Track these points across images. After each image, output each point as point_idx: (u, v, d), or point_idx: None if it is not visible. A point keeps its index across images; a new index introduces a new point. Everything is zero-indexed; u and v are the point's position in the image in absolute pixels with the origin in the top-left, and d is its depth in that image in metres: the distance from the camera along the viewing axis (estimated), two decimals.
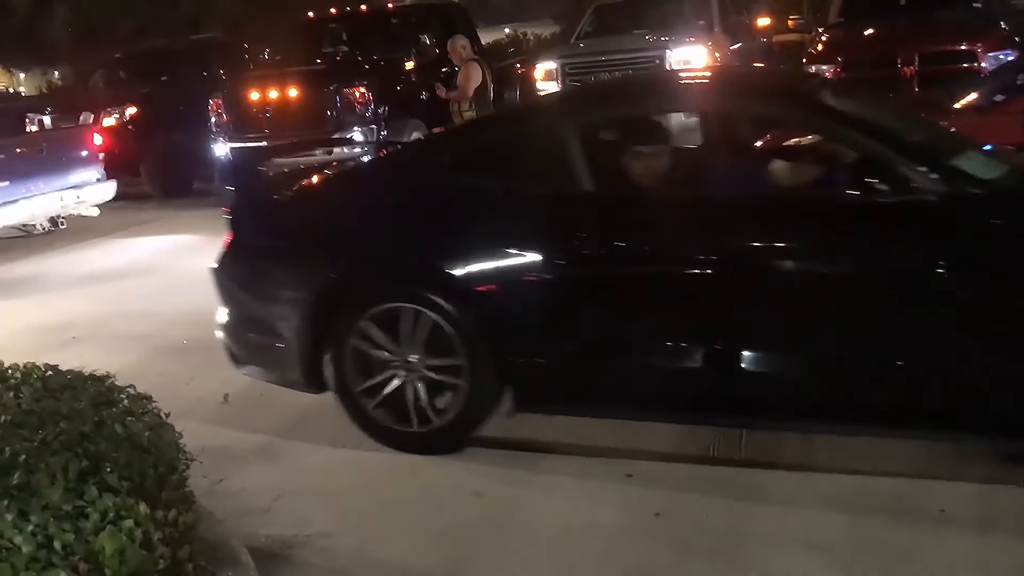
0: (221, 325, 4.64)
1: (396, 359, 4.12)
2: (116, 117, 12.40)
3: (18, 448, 2.54)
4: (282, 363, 4.39)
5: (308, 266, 4.34)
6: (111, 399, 3.07)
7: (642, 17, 11.42)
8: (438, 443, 4.17)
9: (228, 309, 4.63)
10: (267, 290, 4.48)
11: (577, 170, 3.93)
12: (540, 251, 3.87)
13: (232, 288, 4.63)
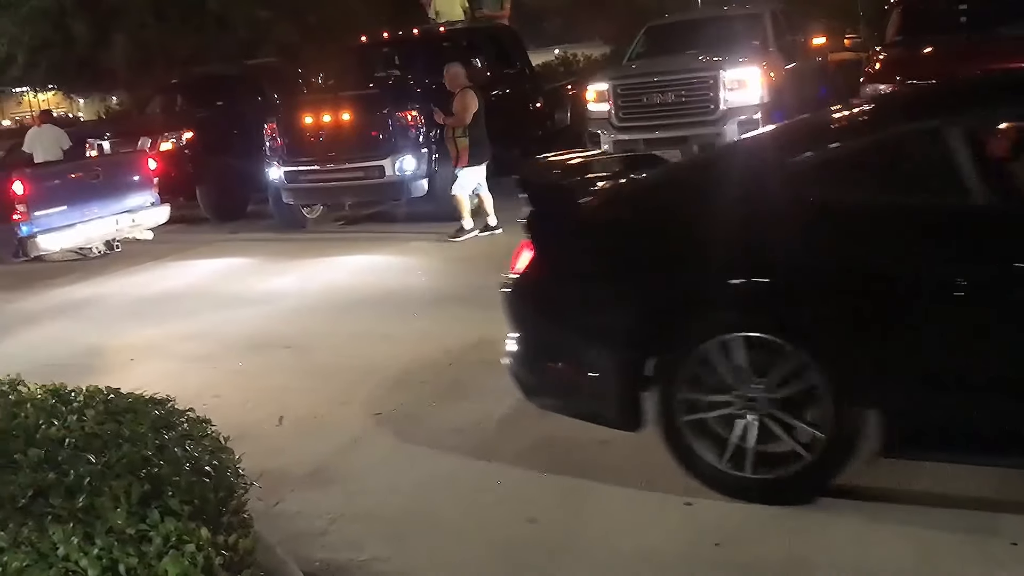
0: (511, 353, 4.21)
1: (741, 394, 3.63)
2: (173, 142, 12.65)
3: (83, 471, 2.57)
4: (591, 395, 3.97)
5: (635, 287, 3.86)
6: (171, 422, 3.09)
7: (695, 37, 11.35)
8: (786, 492, 3.67)
9: (522, 335, 4.17)
10: (578, 315, 4.00)
11: (971, 180, 3.40)
12: (935, 273, 3.37)
13: (530, 312, 4.19)
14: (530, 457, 4.34)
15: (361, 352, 6.31)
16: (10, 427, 3.03)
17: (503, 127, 12.04)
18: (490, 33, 13.24)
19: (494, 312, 6.85)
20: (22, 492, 2.47)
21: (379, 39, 12.90)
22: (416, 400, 5.23)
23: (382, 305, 7.52)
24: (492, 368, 5.59)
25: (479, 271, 8.36)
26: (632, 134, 10.66)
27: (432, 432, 4.77)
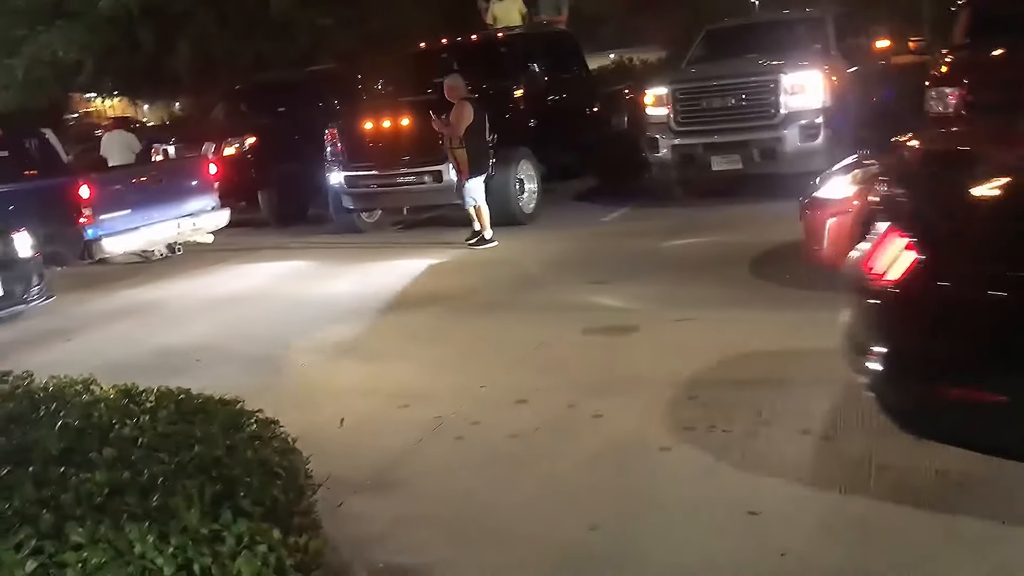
0: (877, 373, 3.51)
1: None
2: (236, 147, 12.88)
3: (156, 470, 2.62)
4: (1000, 424, 3.28)
5: None
6: (240, 423, 3.14)
7: (754, 41, 11.21)
8: None
9: (895, 351, 3.46)
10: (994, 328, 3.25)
11: None
12: None
13: (915, 325, 3.46)
14: (592, 463, 4.32)
15: (420, 356, 6.35)
16: (85, 426, 3.10)
17: (560, 132, 12.08)
18: (548, 38, 13.24)
19: (550, 315, 6.94)
20: (99, 490, 2.52)
21: (438, 45, 12.97)
22: (475, 404, 5.24)
23: (440, 309, 7.57)
24: (547, 373, 5.62)
25: (534, 277, 8.39)
26: (690, 138, 10.57)
27: (492, 436, 4.77)
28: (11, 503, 2.48)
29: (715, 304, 6.74)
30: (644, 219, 10.56)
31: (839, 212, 6.38)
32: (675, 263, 8.14)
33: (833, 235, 6.36)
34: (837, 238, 6.31)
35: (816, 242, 6.54)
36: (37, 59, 18.92)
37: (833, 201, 6.51)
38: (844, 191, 6.50)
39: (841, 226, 6.31)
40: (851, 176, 6.61)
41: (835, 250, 6.38)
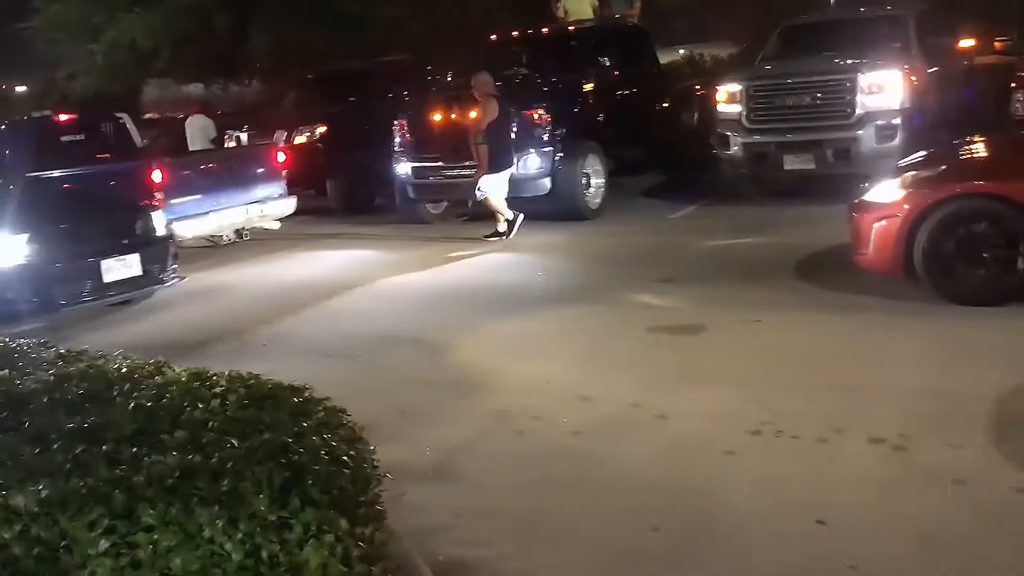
0: None
1: None
2: (307, 135, 13.03)
3: (226, 455, 2.64)
4: None
5: None
6: (308, 410, 3.15)
7: (832, 39, 10.95)
8: None
9: None
10: None
11: None
12: None
13: None
14: (655, 464, 4.27)
15: (483, 347, 6.35)
16: (156, 407, 3.14)
17: (628, 126, 11.98)
18: (619, 32, 13.14)
19: (615, 312, 6.89)
20: (170, 472, 2.55)
21: (508, 38, 12.95)
22: (537, 398, 5.21)
23: (503, 301, 7.56)
24: (611, 371, 5.56)
25: (599, 272, 8.33)
26: (763, 136, 10.39)
27: (554, 432, 4.75)
28: (85, 482, 2.52)
29: (784, 306, 6.62)
30: (712, 217, 10.41)
31: (886, 216, 6.29)
32: (743, 263, 8.01)
33: (879, 239, 6.30)
34: (883, 242, 6.26)
35: (862, 245, 6.48)
36: (116, 45, 19.39)
37: (880, 204, 6.42)
38: (892, 195, 6.41)
39: (888, 230, 6.25)
40: (899, 180, 6.48)
41: (880, 254, 6.30)
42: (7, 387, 3.45)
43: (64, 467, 2.66)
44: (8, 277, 7.15)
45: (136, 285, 7.88)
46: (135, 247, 7.90)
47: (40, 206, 8.01)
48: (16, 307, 7.06)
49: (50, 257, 7.37)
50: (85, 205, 8.58)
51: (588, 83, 11.58)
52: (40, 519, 2.40)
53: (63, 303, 7.39)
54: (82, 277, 7.50)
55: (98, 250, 7.65)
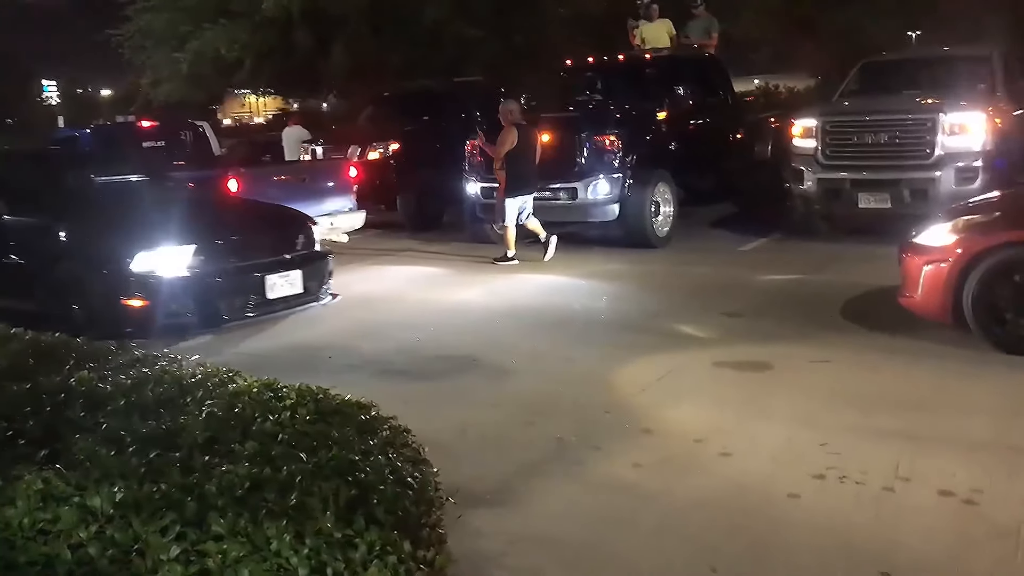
0: None
1: None
2: (380, 152, 13.22)
3: (295, 469, 2.69)
4: None
5: None
6: (375, 428, 3.19)
7: (914, 77, 10.80)
8: None
9: None
10: None
11: None
12: None
13: None
14: (715, 502, 4.21)
15: (545, 372, 6.35)
16: (228, 417, 3.21)
17: (701, 156, 11.92)
18: (695, 62, 13.10)
19: (680, 343, 6.84)
20: (240, 483, 2.61)
21: (584, 63, 13.01)
22: (598, 428, 5.19)
23: (566, 326, 7.56)
24: (674, 404, 5.52)
25: (664, 302, 8.28)
26: (838, 172, 10.25)
27: (612, 463, 4.72)
28: (159, 487, 2.59)
29: (853, 347, 6.50)
30: (783, 252, 10.29)
31: (936, 259, 6.21)
32: (813, 300, 7.89)
33: (928, 283, 6.22)
34: (932, 286, 6.19)
35: (910, 288, 6.39)
36: (201, 55, 19.95)
37: (931, 248, 6.33)
38: (944, 238, 6.31)
39: (937, 274, 6.17)
40: (952, 224, 6.36)
41: (928, 299, 6.24)
42: (87, 387, 3.57)
43: (139, 471, 2.75)
44: (173, 288, 6.93)
45: (296, 302, 7.68)
46: (298, 263, 7.70)
47: (206, 217, 7.94)
48: (180, 320, 6.97)
49: (216, 270, 7.16)
50: (250, 218, 8.48)
51: (661, 111, 11.55)
52: (115, 521, 2.47)
53: (226, 318, 7.20)
54: (246, 292, 7.31)
55: (263, 265, 7.45)
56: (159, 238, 7.00)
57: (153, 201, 8.52)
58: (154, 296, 6.83)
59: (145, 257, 6.90)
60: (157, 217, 7.62)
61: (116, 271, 6.92)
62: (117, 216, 7.74)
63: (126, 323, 6.82)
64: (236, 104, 58.48)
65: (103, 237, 7.26)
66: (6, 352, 4.13)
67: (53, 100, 65.98)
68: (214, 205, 8.84)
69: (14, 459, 2.99)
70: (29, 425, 3.24)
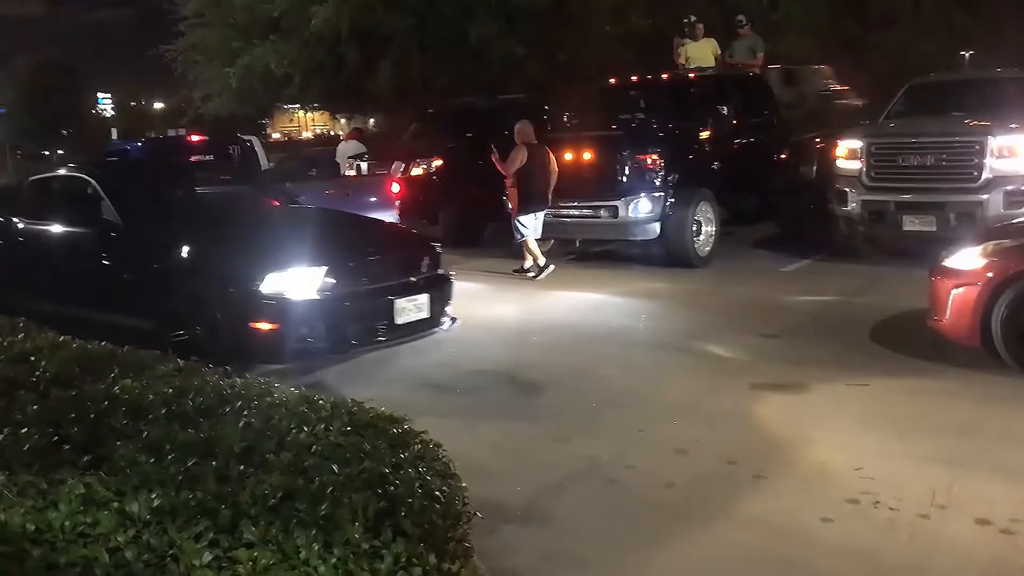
0: None
1: None
2: (423, 168, 13.36)
3: (327, 480, 2.75)
4: None
5: None
6: (407, 442, 3.25)
7: (961, 99, 10.65)
8: None
9: None
10: None
11: None
12: None
13: None
14: (747, 524, 4.20)
15: (581, 389, 6.37)
16: (265, 428, 3.29)
17: (744, 176, 11.89)
18: (740, 81, 13.06)
19: (717, 364, 6.82)
20: (273, 493, 2.67)
21: (627, 82, 13.04)
22: (632, 447, 5.20)
23: (603, 344, 7.57)
24: (709, 425, 5.50)
25: (703, 322, 8.25)
26: (882, 195, 10.14)
27: (645, 483, 4.72)
28: (195, 494, 2.67)
29: (892, 371, 6.44)
30: (825, 274, 10.21)
31: (965, 283, 6.20)
32: (854, 323, 7.81)
33: (957, 306, 6.21)
34: (961, 310, 6.18)
35: (939, 312, 6.37)
36: (250, 70, 20.32)
37: (960, 271, 6.31)
38: (973, 262, 6.29)
39: (966, 298, 6.16)
40: (982, 247, 6.31)
41: (957, 322, 6.23)
42: (131, 396, 3.67)
43: (176, 478, 2.82)
44: (304, 312, 6.43)
45: (421, 328, 7.13)
46: (425, 287, 7.16)
47: (332, 236, 7.44)
48: (308, 343, 6.49)
49: (346, 293, 6.62)
50: (377, 238, 7.94)
51: (704, 130, 11.53)
52: (151, 526, 2.55)
53: (355, 343, 6.72)
54: (376, 317, 6.78)
55: (392, 288, 6.91)
56: (290, 258, 6.54)
57: (277, 218, 8.25)
58: (284, 319, 6.38)
59: (276, 278, 6.41)
60: (285, 236, 7.28)
61: (244, 292, 6.43)
62: (244, 234, 7.33)
63: (253, 347, 6.43)
64: (285, 119, 59.40)
65: (230, 256, 6.79)
66: (55, 360, 4.26)
67: (108, 112, 67.53)
68: (338, 224, 8.26)
69: (59, 464, 3.08)
70: (74, 431, 3.33)
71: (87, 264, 7.56)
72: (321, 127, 60.98)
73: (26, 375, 4.04)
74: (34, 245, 8.29)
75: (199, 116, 23.67)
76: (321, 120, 42.95)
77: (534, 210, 10.47)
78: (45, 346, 4.57)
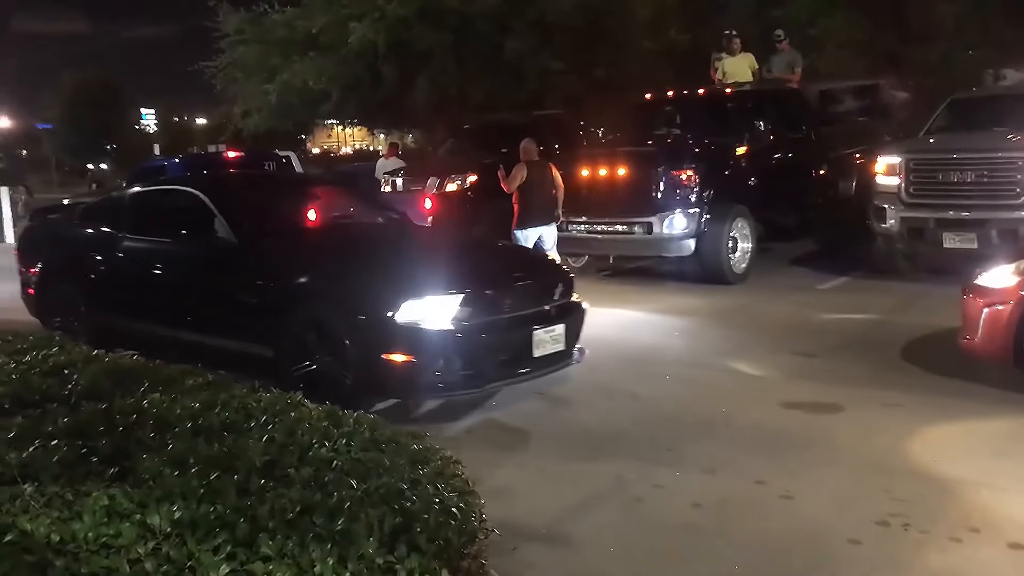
0: None
1: None
2: (458, 184, 13.41)
3: (345, 495, 2.76)
4: None
5: None
6: (427, 458, 3.25)
7: (1004, 114, 10.47)
8: None
9: None
10: None
11: None
12: None
13: None
14: (775, 546, 4.14)
15: (609, 407, 6.35)
16: (287, 442, 3.32)
17: (781, 192, 11.79)
18: (777, 96, 12.97)
19: (749, 382, 6.75)
20: (292, 507, 2.69)
21: (663, 97, 13.01)
22: (660, 466, 5.16)
23: (634, 362, 7.53)
24: (739, 444, 5.45)
25: (737, 339, 8.19)
26: (922, 211, 10.01)
27: (673, 502, 4.69)
28: (215, 507, 2.69)
29: (928, 391, 6.34)
30: (863, 291, 10.08)
31: (998, 302, 6.10)
32: (891, 342, 7.70)
33: (988, 325, 6.12)
34: (992, 328, 6.09)
35: (971, 331, 6.28)
36: (288, 86, 20.56)
37: (993, 290, 6.21)
38: (1006, 280, 6.19)
39: (998, 317, 6.07)
40: (1015, 265, 6.23)
41: (988, 341, 6.15)
42: (158, 410, 3.72)
43: (198, 491, 2.85)
44: (442, 343, 5.87)
45: (556, 361, 6.47)
46: (561, 316, 6.55)
47: (464, 261, 6.79)
48: (443, 378, 5.92)
49: (485, 324, 6.04)
50: (509, 263, 7.22)
51: (740, 146, 11.46)
52: (171, 539, 2.58)
53: (492, 378, 6.10)
54: (514, 349, 6.22)
55: (531, 317, 6.33)
56: (427, 284, 5.96)
57: (401, 238, 7.65)
58: (420, 351, 5.81)
59: (413, 306, 5.83)
60: (416, 258, 6.79)
61: (378, 320, 5.86)
62: (372, 255, 6.74)
63: (386, 380, 5.92)
64: (323, 134, 60.05)
65: (361, 280, 6.22)
66: (86, 373, 4.33)
67: (151, 128, 68.77)
68: (467, 246, 7.71)
69: (86, 475, 3.13)
70: (102, 444, 3.38)
71: (199, 284, 7.07)
72: (360, 143, 61.68)
73: (58, 388, 4.11)
74: (141, 262, 7.62)
75: (239, 132, 23.97)
76: (360, 136, 43.32)
77: (533, 225, 10.45)
78: (79, 359, 4.65)
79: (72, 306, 7.92)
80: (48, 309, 8.31)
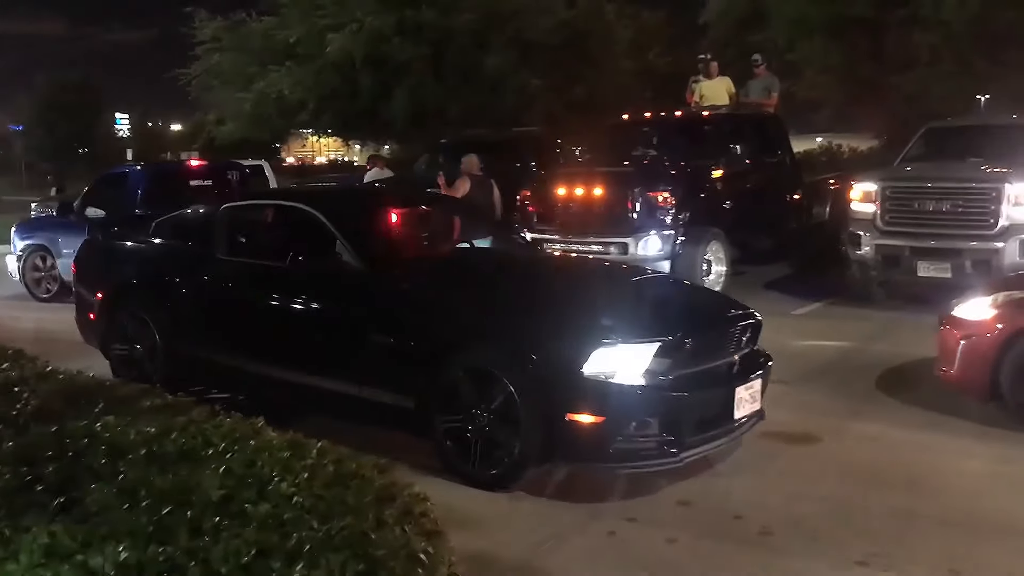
0: None
1: None
2: None
3: (305, 536, 2.59)
4: None
5: None
6: (392, 494, 3.09)
7: (979, 144, 10.49)
8: None
9: None
10: None
11: None
12: None
13: None
14: None
15: None
16: (246, 474, 3.13)
17: (756, 216, 11.73)
18: (753, 120, 12.95)
19: None
20: (247, 549, 2.52)
21: (640, 118, 12.96)
22: (634, 499, 5.02)
23: None
24: (715, 476, 5.32)
25: None
26: (897, 239, 9.97)
27: (647, 537, 4.55)
28: (165, 549, 2.52)
29: (905, 423, 6.25)
30: (837, 318, 10.03)
31: (974, 334, 6.09)
32: (865, 371, 7.62)
33: (965, 358, 6.11)
34: (969, 361, 6.08)
35: (947, 362, 6.27)
36: (264, 95, 20.38)
37: (970, 322, 6.19)
38: (983, 312, 6.18)
39: (975, 349, 6.05)
40: (992, 298, 6.24)
41: (964, 373, 6.14)
42: (112, 434, 3.52)
43: (147, 529, 2.67)
44: (637, 401, 4.92)
45: (750, 423, 5.57)
46: (754, 367, 5.60)
47: (653, 302, 5.71)
48: (635, 443, 4.92)
49: (683, 379, 5.05)
50: (694, 306, 6.09)
51: (717, 169, 11.41)
52: None
53: (690, 447, 5.06)
54: (715, 409, 5.24)
55: (732, 372, 5.43)
56: (618, 330, 4.98)
57: (563, 270, 6.73)
58: (612, 411, 4.83)
59: (605, 356, 4.85)
60: (593, 297, 5.63)
61: (561, 372, 4.89)
62: (539, 291, 5.80)
63: (568, 444, 4.94)
64: (298, 144, 59.72)
65: (535, 321, 5.21)
66: (39, 392, 4.12)
67: (124, 133, 68.07)
68: (641, 284, 6.28)
69: (28, 506, 2.94)
70: (48, 471, 3.18)
71: (316, 317, 6.04)
72: (335, 153, 61.34)
73: (7, 407, 3.90)
74: (238, 288, 6.56)
75: (212, 140, 23.73)
76: (335, 146, 43.07)
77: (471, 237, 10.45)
78: (31, 376, 4.44)
79: (144, 336, 6.89)
80: (115, 337, 7.15)
